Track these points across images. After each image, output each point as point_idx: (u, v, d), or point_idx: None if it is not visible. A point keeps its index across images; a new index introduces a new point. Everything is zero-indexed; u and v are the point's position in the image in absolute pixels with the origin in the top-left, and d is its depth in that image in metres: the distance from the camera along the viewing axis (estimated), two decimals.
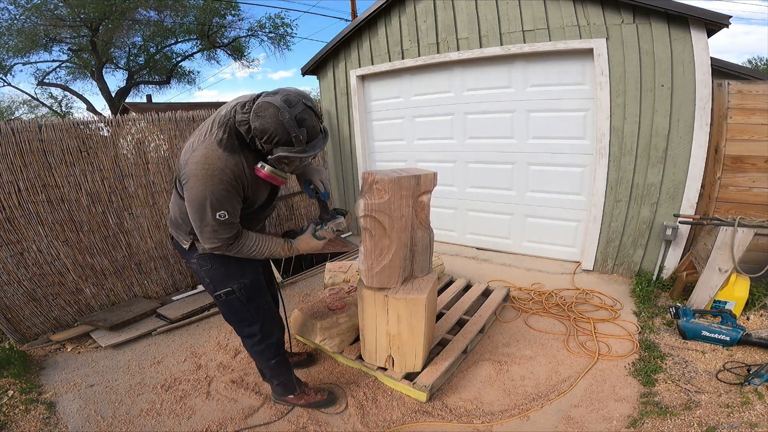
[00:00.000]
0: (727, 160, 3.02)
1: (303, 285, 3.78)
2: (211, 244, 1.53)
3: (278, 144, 1.42)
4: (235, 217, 1.53)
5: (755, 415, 1.82)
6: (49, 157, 2.91)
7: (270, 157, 1.47)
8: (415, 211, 2.11)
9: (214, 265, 1.72)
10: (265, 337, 1.91)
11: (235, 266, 1.74)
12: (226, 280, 1.74)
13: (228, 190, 1.44)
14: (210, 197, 1.42)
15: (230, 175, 1.44)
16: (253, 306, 1.84)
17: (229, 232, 1.52)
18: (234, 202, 1.49)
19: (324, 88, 4.99)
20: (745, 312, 2.76)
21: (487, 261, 4.07)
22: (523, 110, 3.70)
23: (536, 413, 2.02)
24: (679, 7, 2.74)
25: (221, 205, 1.44)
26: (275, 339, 1.96)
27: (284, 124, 1.36)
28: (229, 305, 1.80)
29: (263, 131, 1.39)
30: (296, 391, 2.10)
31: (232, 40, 14.55)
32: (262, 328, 1.89)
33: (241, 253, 1.60)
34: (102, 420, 2.10)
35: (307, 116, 1.41)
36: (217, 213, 1.44)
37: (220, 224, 1.48)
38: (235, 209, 1.51)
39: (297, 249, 1.75)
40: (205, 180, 1.41)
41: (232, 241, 1.56)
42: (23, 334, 2.88)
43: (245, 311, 1.83)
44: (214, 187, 1.41)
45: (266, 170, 1.49)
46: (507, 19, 3.48)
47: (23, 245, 2.84)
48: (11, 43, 11.45)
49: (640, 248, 3.39)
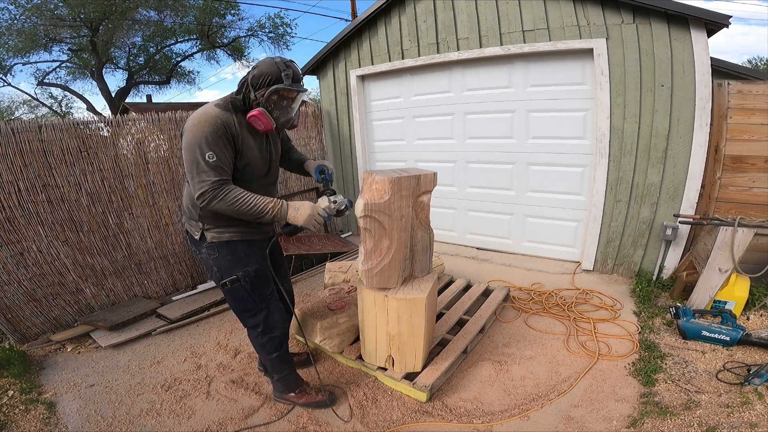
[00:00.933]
0: (727, 160, 3.02)
1: (303, 285, 3.78)
2: (201, 189, 1.59)
3: (271, 83, 1.66)
4: (225, 164, 1.62)
5: (755, 415, 1.82)
6: (49, 157, 2.91)
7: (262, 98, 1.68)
8: (415, 211, 2.11)
9: (222, 253, 1.80)
10: (267, 329, 1.95)
11: (241, 254, 1.82)
12: (231, 268, 1.81)
13: (218, 134, 1.59)
14: (201, 140, 1.57)
15: (220, 123, 1.60)
16: (258, 295, 1.89)
17: (217, 175, 1.59)
18: (223, 147, 1.61)
19: (324, 88, 4.99)
20: (745, 312, 2.76)
21: (487, 261, 4.07)
22: (523, 110, 3.70)
23: (536, 413, 2.02)
24: (679, 7, 2.74)
25: (210, 146, 1.58)
26: (278, 333, 1.99)
27: (276, 64, 1.67)
28: (234, 293, 1.87)
29: (259, 74, 1.66)
30: (296, 389, 2.13)
31: (232, 40, 14.55)
32: (266, 319, 1.93)
33: (226, 202, 1.61)
34: (102, 420, 2.10)
35: (291, 63, 1.71)
36: (207, 154, 1.57)
37: (209, 166, 1.58)
38: (225, 156, 1.62)
39: (287, 211, 1.73)
40: (197, 126, 1.59)
41: (218, 186, 1.60)
42: (23, 334, 2.88)
43: (249, 300, 1.89)
44: (205, 130, 1.58)
45: (257, 110, 1.67)
46: (507, 19, 3.49)
47: (23, 245, 2.84)
48: (11, 43, 11.45)
49: (640, 248, 3.39)
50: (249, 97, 1.69)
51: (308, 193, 4.92)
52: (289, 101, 1.75)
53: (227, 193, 1.62)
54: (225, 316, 3.16)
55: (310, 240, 4.61)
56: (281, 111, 1.75)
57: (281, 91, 1.69)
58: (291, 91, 1.71)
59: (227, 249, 1.80)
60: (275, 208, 1.69)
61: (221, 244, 1.79)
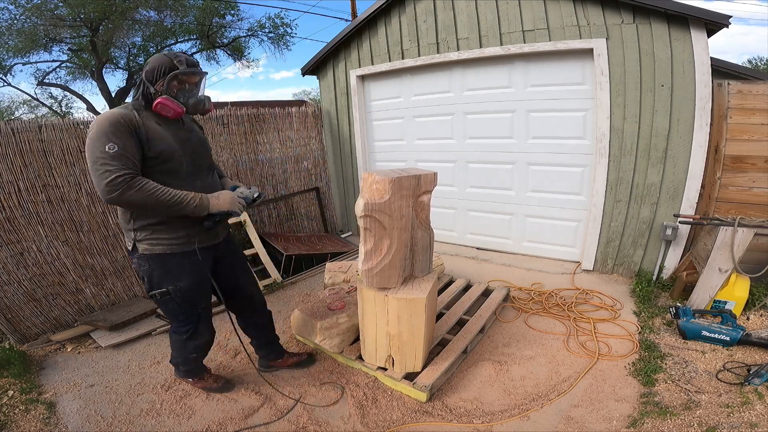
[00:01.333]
0: (727, 160, 3.02)
1: (303, 285, 3.78)
2: (104, 180, 1.50)
3: (166, 73, 1.68)
4: (129, 153, 1.56)
5: (755, 415, 1.82)
6: (49, 157, 2.91)
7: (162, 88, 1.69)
8: (416, 211, 2.11)
9: (152, 266, 1.78)
10: (192, 337, 2.02)
11: (173, 269, 1.79)
12: (162, 281, 1.79)
13: (117, 128, 1.56)
14: (99, 134, 1.54)
15: (119, 118, 1.58)
16: (188, 308, 1.92)
17: (121, 167, 1.52)
18: (125, 139, 1.56)
19: (324, 88, 4.99)
20: (745, 312, 2.76)
21: (487, 261, 4.07)
22: (523, 110, 3.70)
23: (536, 413, 2.02)
24: (679, 7, 2.74)
25: (109, 138, 1.53)
26: (203, 341, 2.08)
27: (165, 56, 1.70)
28: (164, 304, 1.89)
29: (152, 69, 1.68)
30: (196, 377, 2.26)
31: (232, 40, 14.54)
32: (194, 329, 2.00)
33: (143, 192, 1.55)
34: (102, 420, 2.10)
35: (181, 53, 1.74)
36: (107, 145, 1.52)
37: (111, 157, 1.52)
38: (128, 146, 1.57)
39: (208, 201, 1.72)
40: (96, 126, 1.56)
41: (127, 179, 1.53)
42: (23, 334, 2.88)
43: (179, 312, 1.94)
44: (103, 125, 1.55)
45: (162, 97, 1.67)
46: (507, 19, 3.49)
47: (23, 245, 2.84)
48: (11, 43, 11.44)
49: (640, 248, 3.39)
50: (149, 92, 1.69)
51: (309, 192, 4.93)
52: (192, 85, 1.77)
53: (143, 183, 1.56)
54: (225, 316, 3.16)
55: (310, 240, 4.62)
56: (188, 95, 1.75)
57: (179, 76, 1.71)
58: (189, 74, 1.73)
59: (158, 262, 1.76)
60: (195, 198, 1.67)
61: (152, 257, 1.75)
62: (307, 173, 4.89)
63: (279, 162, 4.57)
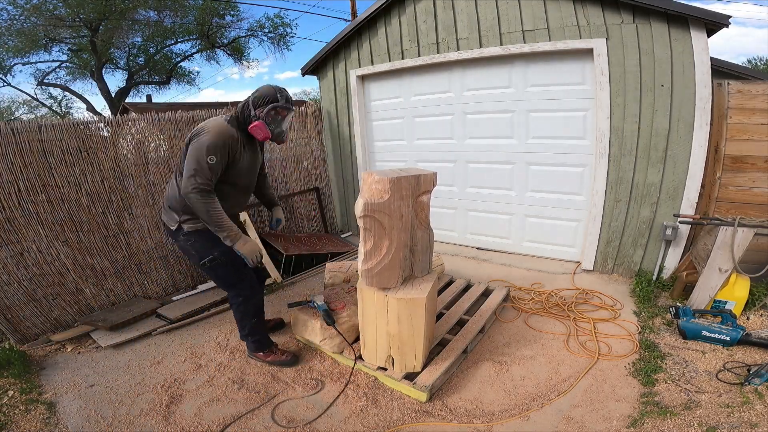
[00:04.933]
0: (727, 159, 3.02)
1: (303, 285, 3.78)
2: (193, 181, 1.93)
3: (269, 102, 2.10)
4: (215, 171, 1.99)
5: (755, 415, 1.82)
6: (49, 157, 2.91)
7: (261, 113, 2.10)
8: (415, 211, 2.11)
9: (199, 239, 2.17)
10: (249, 297, 2.33)
11: (212, 239, 2.12)
12: (209, 249, 2.16)
13: (224, 145, 2.00)
14: (210, 143, 1.95)
15: (228, 137, 2.03)
16: (235, 271, 2.26)
17: (207, 179, 1.96)
18: (222, 156, 2.00)
19: (324, 88, 4.99)
20: (745, 312, 2.76)
21: (487, 261, 4.07)
22: (523, 110, 3.70)
23: (536, 413, 2.02)
24: (679, 7, 2.75)
25: (214, 151, 1.96)
26: (257, 300, 2.40)
27: (273, 88, 2.14)
28: (215, 270, 2.24)
29: (259, 96, 2.11)
30: (265, 350, 2.49)
31: (232, 40, 14.55)
32: (247, 288, 2.31)
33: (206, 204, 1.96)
34: (102, 420, 2.10)
35: (284, 90, 2.16)
36: (209, 156, 1.94)
37: (209, 167, 1.95)
38: (219, 164, 2.00)
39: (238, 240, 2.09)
40: (214, 133, 1.98)
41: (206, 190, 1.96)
42: (23, 334, 2.88)
43: (230, 274, 2.27)
44: (217, 138, 1.98)
45: (258, 122, 2.09)
46: (507, 19, 3.49)
47: (23, 245, 2.84)
48: (11, 44, 11.45)
49: (640, 248, 3.39)
50: (249, 114, 2.11)
51: (309, 192, 4.93)
52: (282, 117, 2.18)
53: (212, 201, 1.98)
54: (225, 316, 3.16)
55: (310, 240, 4.61)
56: (276, 125, 2.16)
57: (277, 108, 2.12)
58: (284, 108, 2.15)
59: (202, 235, 2.15)
60: (232, 235, 2.06)
61: (197, 232, 2.16)
62: (307, 173, 4.89)
63: (279, 162, 4.57)
